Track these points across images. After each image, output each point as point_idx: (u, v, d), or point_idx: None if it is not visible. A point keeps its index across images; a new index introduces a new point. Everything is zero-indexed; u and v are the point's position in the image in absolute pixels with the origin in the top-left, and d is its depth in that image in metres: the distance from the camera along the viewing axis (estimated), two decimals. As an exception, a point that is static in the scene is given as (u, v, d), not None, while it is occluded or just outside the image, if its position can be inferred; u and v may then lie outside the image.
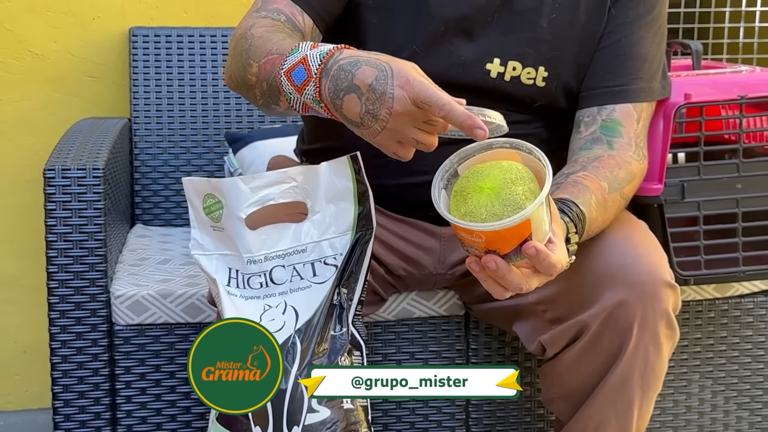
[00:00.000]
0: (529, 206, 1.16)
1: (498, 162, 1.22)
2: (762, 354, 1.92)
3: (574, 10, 1.65)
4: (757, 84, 1.77)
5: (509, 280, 1.25)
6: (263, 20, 1.57)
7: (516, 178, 1.19)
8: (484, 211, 1.19)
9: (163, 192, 2.36)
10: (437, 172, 1.27)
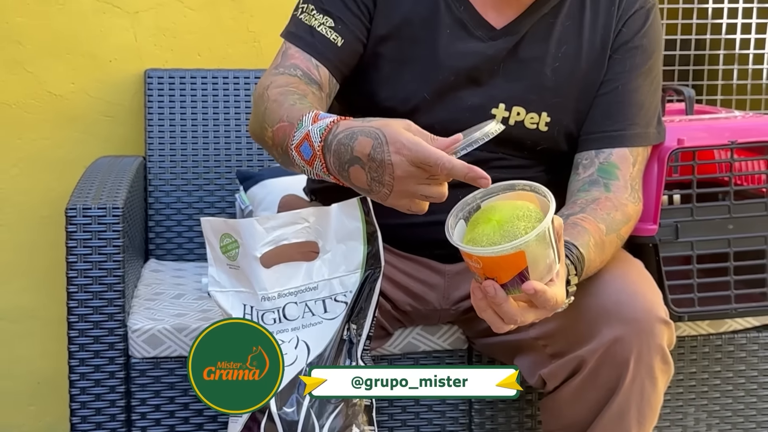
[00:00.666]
0: (516, 242, 1.20)
1: (513, 201, 1.26)
2: (755, 388, 1.91)
3: (576, 60, 1.67)
4: (747, 129, 1.79)
5: (505, 309, 1.27)
6: (280, 78, 1.59)
7: (523, 215, 1.22)
8: (485, 239, 1.23)
9: (176, 228, 2.37)
10: (459, 203, 1.30)
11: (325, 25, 1.63)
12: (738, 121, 1.83)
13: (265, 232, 1.53)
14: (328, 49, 1.63)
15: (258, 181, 2.25)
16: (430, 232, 1.63)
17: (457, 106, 1.65)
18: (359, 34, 1.65)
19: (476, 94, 1.66)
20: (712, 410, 1.91)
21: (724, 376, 1.90)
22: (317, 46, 1.63)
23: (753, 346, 1.90)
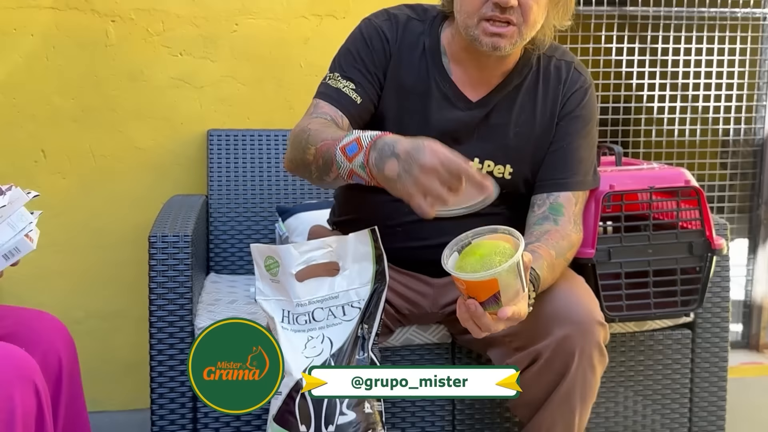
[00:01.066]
0: (492, 270, 1.22)
1: (495, 241, 1.27)
2: (669, 372, 1.91)
3: (532, 126, 1.67)
4: (662, 177, 1.79)
5: (483, 321, 1.29)
6: (316, 120, 1.58)
7: (500, 252, 1.24)
8: (469, 267, 1.25)
9: (230, 249, 2.35)
10: (455, 240, 1.31)
11: (348, 87, 1.62)
12: (655, 171, 1.83)
13: (299, 255, 1.54)
14: (350, 104, 1.62)
15: (292, 214, 2.24)
16: (423, 254, 1.65)
17: None
18: (373, 97, 1.65)
19: (457, 149, 1.58)
20: (637, 390, 1.90)
21: (645, 363, 1.90)
22: (342, 101, 1.62)
23: (668, 341, 1.90)
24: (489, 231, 1.32)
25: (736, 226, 2.92)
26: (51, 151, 2.40)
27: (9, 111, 2.35)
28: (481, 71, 1.65)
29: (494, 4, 1.49)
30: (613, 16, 2.76)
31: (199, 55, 2.43)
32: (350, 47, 1.67)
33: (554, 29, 1.64)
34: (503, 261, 1.23)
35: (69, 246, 2.40)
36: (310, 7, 2.47)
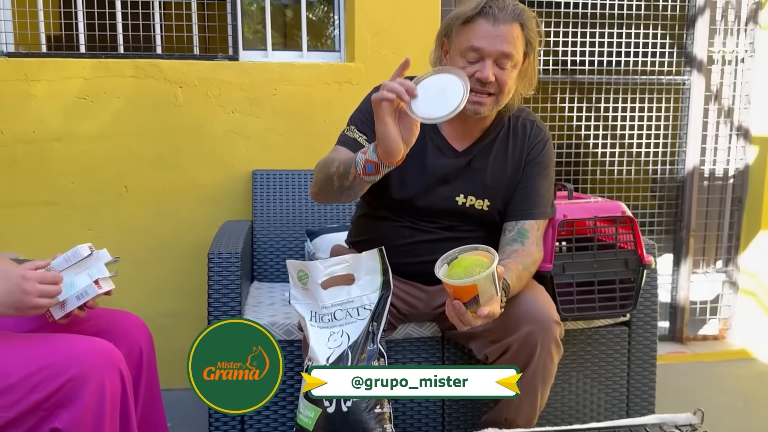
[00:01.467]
0: (473, 277, 1.23)
1: (476, 256, 1.28)
2: (611, 360, 1.88)
3: (504, 169, 1.66)
4: (604, 209, 1.77)
5: (465, 318, 1.30)
6: (333, 154, 1.58)
7: (479, 264, 1.26)
8: (455, 275, 1.26)
9: (269, 262, 2.32)
10: (445, 254, 1.31)
11: (361, 137, 1.62)
12: (598, 204, 1.82)
13: (324, 269, 1.55)
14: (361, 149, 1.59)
15: (318, 235, 2.22)
16: (419, 268, 1.66)
17: (436, 195, 1.64)
18: None
19: (447, 188, 1.65)
20: (586, 374, 1.88)
21: (592, 353, 1.88)
22: (356, 147, 1.59)
23: (609, 335, 1.88)
24: (471, 248, 1.32)
25: (664, 244, 2.91)
26: (132, 187, 2.39)
27: (100, 156, 2.35)
28: (465, 128, 1.64)
29: (477, 79, 1.50)
30: (566, 82, 2.76)
31: (246, 113, 2.43)
32: (363, 108, 1.67)
33: (521, 96, 1.64)
34: (482, 271, 1.25)
35: (145, 260, 2.39)
36: (332, 76, 2.47)
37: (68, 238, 2.33)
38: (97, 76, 2.30)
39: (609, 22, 2.76)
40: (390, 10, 2.45)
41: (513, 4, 1.51)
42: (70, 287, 1.30)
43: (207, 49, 2.49)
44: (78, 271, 1.33)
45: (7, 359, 1.14)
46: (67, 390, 1.14)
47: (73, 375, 1.14)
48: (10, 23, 2.37)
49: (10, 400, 1.12)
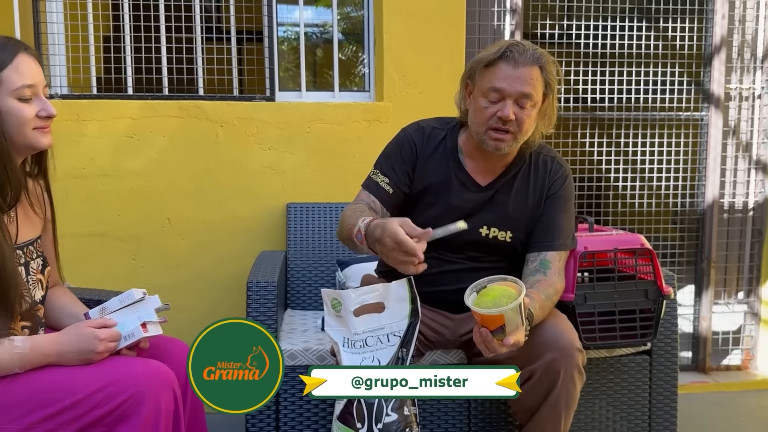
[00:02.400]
0: (500, 308, 1.27)
1: (504, 287, 1.32)
2: (633, 388, 1.89)
3: (525, 203, 1.69)
4: (624, 241, 1.79)
5: (491, 345, 1.34)
6: (353, 207, 1.64)
7: (507, 295, 1.30)
8: (484, 305, 1.30)
9: (302, 291, 2.35)
10: (474, 283, 1.36)
11: (383, 181, 1.68)
12: (619, 236, 1.83)
13: (356, 297, 1.56)
14: (383, 193, 1.68)
15: (349, 265, 2.25)
16: (446, 297, 1.69)
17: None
18: (402, 187, 1.69)
19: (471, 221, 1.62)
20: (608, 401, 1.89)
21: (614, 381, 1.89)
22: (378, 192, 1.68)
23: (631, 364, 1.89)
24: (500, 279, 1.36)
25: (685, 276, 2.90)
26: (174, 219, 2.46)
27: (145, 190, 2.43)
28: (488, 164, 1.69)
29: (498, 118, 1.56)
30: (587, 118, 2.81)
31: (281, 149, 2.49)
32: (389, 151, 1.73)
33: (542, 134, 1.69)
34: (509, 302, 1.29)
35: (185, 289, 2.44)
36: (362, 114, 2.53)
37: (114, 267, 2.42)
38: (144, 116, 2.41)
39: (627, 60, 2.81)
40: (416, 53, 2.53)
41: (533, 48, 1.58)
42: (120, 327, 1.36)
43: (245, 91, 2.58)
44: (129, 314, 1.39)
45: (74, 378, 1.23)
46: (127, 407, 1.21)
47: (132, 393, 1.21)
48: (64, 68, 2.51)
49: (76, 414, 1.20)
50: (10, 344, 1.23)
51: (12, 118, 1.26)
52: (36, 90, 1.30)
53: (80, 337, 1.28)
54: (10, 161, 1.27)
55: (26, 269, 1.35)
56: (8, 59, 1.26)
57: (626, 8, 2.81)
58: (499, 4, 2.70)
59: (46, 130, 1.33)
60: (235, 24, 2.52)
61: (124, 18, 2.47)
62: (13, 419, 1.20)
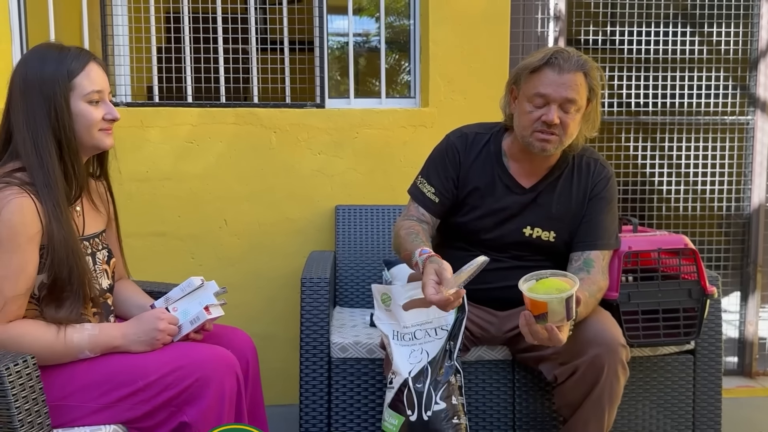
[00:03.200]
0: (545, 296, 1.32)
1: (561, 281, 1.37)
2: (677, 387, 1.89)
3: (569, 203, 1.72)
4: (668, 241, 1.80)
5: (533, 328, 1.37)
6: (405, 222, 1.69)
7: (558, 288, 1.35)
8: (534, 291, 1.36)
9: (350, 289, 2.39)
10: (535, 272, 1.40)
11: (429, 191, 1.72)
12: (663, 237, 1.84)
13: (405, 292, 1.63)
14: (430, 203, 1.73)
15: (395, 265, 2.23)
16: (491, 294, 1.73)
17: (505, 229, 1.72)
18: (448, 194, 1.74)
19: (515, 222, 1.72)
20: (651, 400, 1.89)
21: (658, 380, 1.89)
22: (425, 202, 1.73)
23: (675, 363, 1.90)
24: (560, 274, 1.41)
25: (731, 280, 2.87)
26: (231, 221, 2.54)
27: (203, 193, 2.52)
28: (532, 166, 1.72)
29: (543, 122, 1.60)
30: (630, 123, 2.81)
31: (331, 154, 2.56)
32: (434, 159, 1.77)
33: (585, 137, 1.72)
34: (559, 294, 1.34)
35: (240, 286, 2.51)
36: (408, 120, 2.58)
37: (174, 265, 2.52)
38: (203, 123, 2.51)
39: (671, 65, 2.81)
40: (462, 60, 2.58)
41: (577, 55, 1.61)
42: (184, 314, 1.45)
43: (297, 98, 2.65)
44: (191, 300, 1.48)
45: (147, 362, 1.33)
46: (194, 389, 1.30)
47: (199, 376, 1.30)
48: (128, 77, 2.65)
49: (149, 395, 1.30)
50: (81, 327, 1.33)
51: (82, 119, 1.37)
52: (103, 95, 1.40)
53: (142, 320, 1.38)
54: (78, 158, 1.38)
55: (93, 259, 1.45)
56: (81, 67, 1.36)
57: (670, 14, 2.81)
58: (543, 11, 2.74)
59: (110, 132, 1.43)
60: (288, 35, 2.60)
61: (184, 30, 2.59)
62: (94, 397, 1.30)
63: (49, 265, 1.30)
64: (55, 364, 1.30)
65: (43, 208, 1.28)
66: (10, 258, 1.24)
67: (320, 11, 2.58)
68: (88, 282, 1.36)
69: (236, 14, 2.61)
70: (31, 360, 1.17)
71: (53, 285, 1.31)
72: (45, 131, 1.32)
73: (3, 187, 1.26)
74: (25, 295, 1.28)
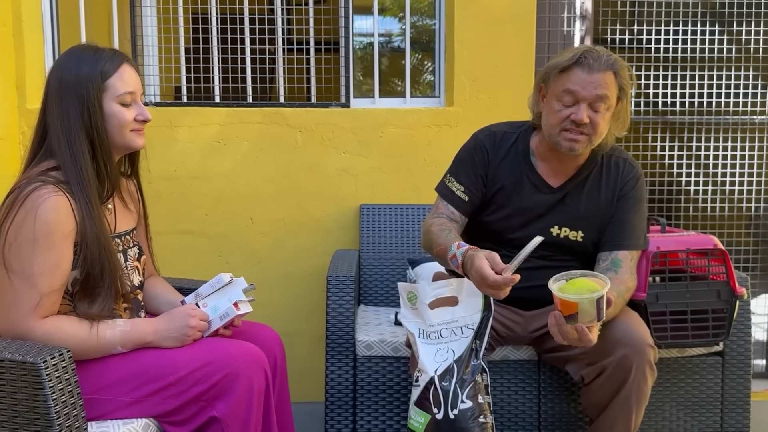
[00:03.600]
0: (576, 296, 1.32)
1: (591, 282, 1.37)
2: (705, 389, 1.88)
3: (597, 203, 1.72)
4: (696, 242, 1.79)
5: (563, 329, 1.38)
6: (436, 220, 1.68)
7: (589, 289, 1.35)
8: (565, 292, 1.36)
9: (374, 287, 2.39)
10: (566, 272, 1.41)
11: (459, 189, 1.72)
12: (691, 237, 1.83)
13: (431, 290, 1.63)
14: (460, 202, 1.72)
15: (419, 264, 2.26)
16: (517, 294, 1.66)
17: (532, 228, 1.71)
18: (477, 192, 1.73)
19: (542, 221, 1.72)
20: (679, 401, 1.88)
21: (686, 381, 1.88)
22: (455, 201, 1.72)
23: (703, 365, 1.88)
24: (590, 274, 1.41)
25: (759, 281, 2.82)
26: (257, 219, 2.56)
27: (230, 191, 2.55)
28: (560, 165, 1.72)
29: (572, 121, 1.59)
30: (658, 122, 2.78)
31: (356, 153, 2.57)
32: (462, 157, 1.77)
33: (614, 136, 1.70)
34: (589, 294, 1.34)
35: (267, 284, 2.53)
36: (433, 119, 2.58)
37: (201, 262, 2.55)
38: (230, 123, 2.54)
39: (700, 64, 2.77)
40: (487, 59, 2.58)
41: (607, 54, 1.60)
42: (213, 310, 1.47)
43: (323, 98, 2.66)
44: (220, 296, 1.50)
45: (177, 357, 1.35)
46: (224, 384, 1.31)
47: (228, 372, 1.32)
48: (157, 77, 2.68)
49: (179, 389, 1.32)
50: (114, 323, 1.35)
51: (114, 119, 1.39)
52: (135, 96, 1.42)
53: (173, 315, 1.41)
54: (110, 157, 1.40)
55: (124, 256, 1.48)
56: (114, 68, 1.39)
57: (698, 12, 2.77)
58: (569, 10, 2.72)
59: (141, 133, 1.45)
60: (314, 35, 2.62)
61: (212, 31, 2.62)
62: (127, 391, 1.32)
63: (82, 262, 1.32)
64: (88, 359, 1.32)
65: (77, 206, 1.30)
66: (46, 255, 1.26)
67: (345, 11, 2.59)
68: (120, 278, 1.39)
69: (263, 15, 2.63)
70: (67, 354, 1.19)
71: (86, 281, 1.34)
72: (78, 131, 1.34)
73: (39, 186, 1.28)
74: (60, 290, 1.31)
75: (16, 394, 1.16)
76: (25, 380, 1.15)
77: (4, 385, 1.17)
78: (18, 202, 1.27)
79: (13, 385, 1.16)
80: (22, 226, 1.25)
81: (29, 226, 1.25)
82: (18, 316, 1.26)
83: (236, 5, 2.61)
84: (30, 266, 1.25)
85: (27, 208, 1.26)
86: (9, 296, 1.26)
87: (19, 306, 1.25)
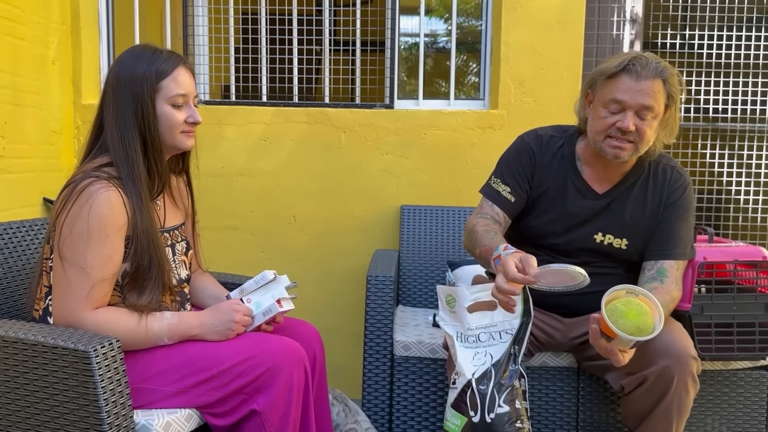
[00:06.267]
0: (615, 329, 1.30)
1: (648, 317, 1.35)
2: (749, 403, 1.83)
3: (643, 211, 1.68)
4: (745, 253, 1.75)
5: (597, 342, 1.37)
6: (481, 220, 1.66)
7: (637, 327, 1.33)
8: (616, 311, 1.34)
9: (413, 288, 2.39)
10: (632, 286, 1.38)
11: (505, 190, 1.70)
12: (739, 248, 1.78)
13: (470, 294, 1.61)
14: (506, 203, 1.70)
15: (459, 266, 2.25)
16: (557, 300, 1.69)
17: (575, 234, 1.69)
18: (522, 195, 1.71)
19: (586, 227, 1.69)
20: (722, 415, 1.83)
21: (729, 395, 1.84)
22: (501, 201, 1.70)
23: (748, 378, 1.84)
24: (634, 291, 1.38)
25: (811, 295, 2.74)
26: (299, 217, 2.59)
27: (274, 190, 2.58)
28: (606, 172, 1.69)
29: (618, 128, 1.56)
30: (707, 129, 2.71)
31: (398, 154, 2.57)
32: (509, 159, 1.75)
33: (662, 144, 1.66)
34: (634, 335, 1.33)
35: (307, 280, 2.56)
36: (476, 121, 2.57)
37: (244, 257, 2.59)
38: (276, 122, 2.57)
39: (753, 71, 2.69)
40: (534, 62, 2.55)
41: (656, 61, 1.56)
42: (257, 306, 1.49)
43: (367, 99, 2.68)
44: (264, 293, 1.52)
45: (221, 350, 1.37)
46: (265, 378, 1.33)
47: (269, 366, 1.33)
48: (207, 76, 2.73)
49: (222, 381, 1.34)
50: (161, 316, 1.38)
51: (165, 120, 1.42)
52: (187, 99, 1.45)
53: (219, 310, 1.43)
54: (160, 156, 1.43)
55: (172, 250, 1.51)
56: (170, 70, 1.41)
57: (752, 17, 2.69)
58: (619, 14, 2.67)
59: (191, 134, 1.48)
60: (360, 36, 2.63)
61: (261, 31, 2.66)
62: (171, 382, 1.35)
63: (132, 255, 1.36)
64: (135, 349, 1.36)
65: (128, 201, 1.34)
66: (100, 248, 1.30)
67: (392, 12, 2.60)
68: (167, 272, 1.42)
69: (311, 16, 2.65)
70: (117, 343, 1.23)
71: (135, 273, 1.37)
72: (132, 128, 1.38)
73: (93, 181, 1.32)
74: (111, 282, 1.35)
75: (67, 380, 1.20)
76: (76, 367, 1.19)
77: (56, 371, 1.21)
78: (73, 196, 1.31)
79: (64, 372, 1.20)
80: (77, 219, 1.29)
81: (83, 220, 1.29)
82: (71, 306, 1.30)
83: (285, 6, 2.64)
84: (84, 258, 1.29)
85: (81, 203, 1.30)
86: (63, 287, 1.30)
87: (72, 296, 1.30)
